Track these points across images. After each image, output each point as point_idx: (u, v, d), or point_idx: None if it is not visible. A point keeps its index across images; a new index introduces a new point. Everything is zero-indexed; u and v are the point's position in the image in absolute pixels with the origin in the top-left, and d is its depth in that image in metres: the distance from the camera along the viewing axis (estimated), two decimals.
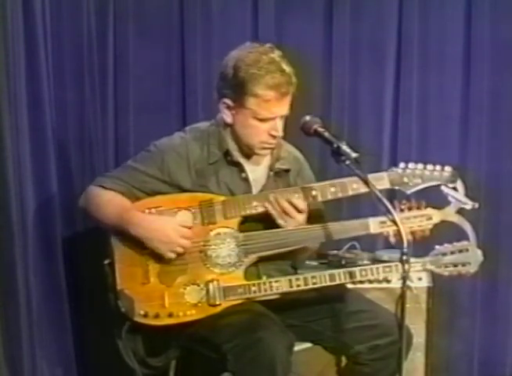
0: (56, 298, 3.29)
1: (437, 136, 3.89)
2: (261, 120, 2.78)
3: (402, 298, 2.50)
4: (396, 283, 3.38)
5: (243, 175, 2.89)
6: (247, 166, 2.90)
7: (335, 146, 2.68)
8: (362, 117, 3.91)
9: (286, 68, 2.79)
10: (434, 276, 3.44)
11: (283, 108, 2.80)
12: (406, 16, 3.83)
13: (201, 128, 2.94)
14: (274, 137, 2.82)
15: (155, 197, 2.83)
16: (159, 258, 2.77)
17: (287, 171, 2.96)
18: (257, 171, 2.92)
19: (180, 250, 2.76)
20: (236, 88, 2.77)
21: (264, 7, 3.81)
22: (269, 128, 2.80)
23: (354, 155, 2.64)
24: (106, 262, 2.82)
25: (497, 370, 3.93)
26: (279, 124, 2.81)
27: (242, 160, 2.90)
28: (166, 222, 2.77)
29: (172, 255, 2.76)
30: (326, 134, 2.75)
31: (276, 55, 2.80)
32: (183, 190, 2.84)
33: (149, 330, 2.78)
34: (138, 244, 2.78)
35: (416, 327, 3.34)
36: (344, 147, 2.66)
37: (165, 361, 2.89)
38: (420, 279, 3.48)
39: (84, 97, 3.54)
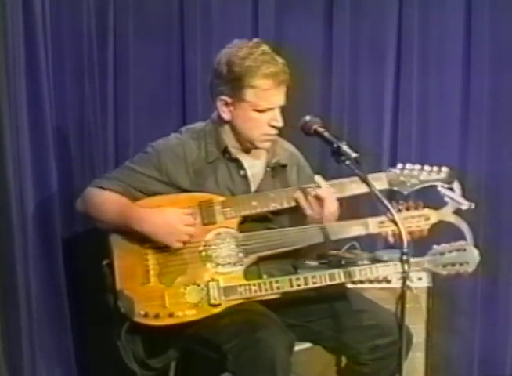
0: (56, 298, 3.28)
1: (437, 136, 3.89)
2: (261, 111, 2.80)
3: (402, 298, 2.51)
4: (396, 283, 3.39)
5: (242, 172, 2.90)
6: (246, 162, 2.91)
7: (335, 146, 2.68)
8: (362, 117, 3.91)
9: (279, 58, 2.82)
10: (434, 276, 3.44)
11: (281, 97, 2.82)
12: (406, 16, 3.83)
13: (197, 128, 2.95)
14: (275, 128, 2.83)
15: (154, 197, 2.84)
16: (159, 258, 2.78)
17: (284, 166, 2.96)
18: (255, 167, 2.92)
19: (186, 238, 2.77)
20: (233, 83, 2.78)
21: (264, 7, 3.81)
22: (269, 119, 2.81)
23: (354, 155, 2.65)
24: (105, 262, 2.82)
25: (497, 369, 3.93)
26: (279, 114, 2.82)
27: (240, 157, 2.90)
28: (168, 214, 2.77)
29: (179, 245, 2.77)
30: (326, 134, 2.76)
31: (266, 47, 2.83)
32: (182, 190, 2.85)
33: (148, 331, 2.78)
34: (137, 244, 2.79)
35: (416, 327, 3.33)
36: (344, 147, 2.67)
37: (165, 362, 2.89)
38: (420, 279, 3.48)
39: (84, 97, 3.54)
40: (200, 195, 2.82)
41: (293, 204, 2.81)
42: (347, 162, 2.65)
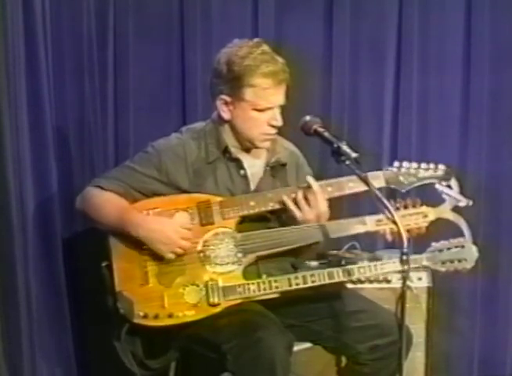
0: (56, 298, 3.28)
1: (437, 136, 3.90)
2: (260, 110, 2.80)
3: (402, 298, 2.51)
4: (396, 283, 3.39)
5: (242, 172, 2.90)
6: (246, 161, 2.91)
7: (335, 146, 2.68)
8: (362, 117, 3.91)
9: (279, 58, 2.82)
10: (434, 276, 3.45)
11: (280, 97, 2.82)
12: (406, 16, 3.84)
13: (197, 128, 2.95)
14: (274, 127, 2.83)
15: (153, 198, 2.84)
16: (157, 259, 2.78)
17: (284, 165, 2.97)
18: (255, 166, 2.93)
19: (180, 251, 2.76)
20: (233, 83, 2.79)
21: (264, 7, 3.81)
22: (269, 119, 2.82)
23: (354, 155, 2.65)
24: (104, 264, 2.82)
25: (497, 369, 3.93)
26: (278, 113, 2.82)
27: (240, 156, 2.90)
28: (166, 224, 2.78)
29: (172, 256, 2.76)
30: (326, 134, 2.76)
31: (266, 47, 2.84)
32: (181, 190, 2.85)
33: (148, 332, 2.78)
34: (136, 245, 2.78)
35: (416, 327, 3.34)
36: (344, 147, 2.67)
37: (164, 363, 2.88)
38: (420, 279, 3.48)
39: (84, 97, 3.54)
40: (197, 196, 2.82)
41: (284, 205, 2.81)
42: (347, 162, 2.65)
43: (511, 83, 3.83)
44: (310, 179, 2.82)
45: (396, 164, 2.85)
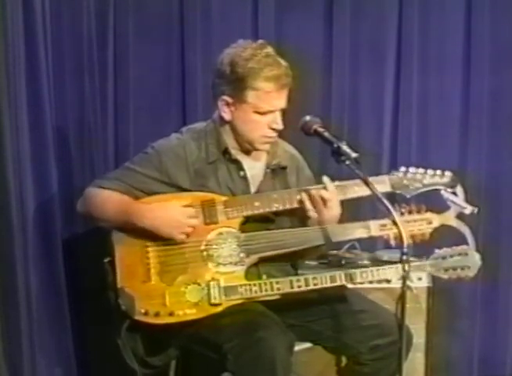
0: (56, 298, 3.28)
1: (437, 136, 3.90)
2: (262, 113, 2.80)
3: (402, 298, 2.51)
4: (396, 283, 3.37)
5: (242, 173, 2.90)
6: (246, 163, 2.91)
7: (335, 146, 2.69)
8: (362, 117, 3.92)
9: (282, 61, 2.82)
10: (434, 277, 3.44)
11: (282, 101, 2.82)
12: (406, 16, 3.84)
13: (198, 128, 2.95)
14: (275, 130, 2.83)
15: (156, 195, 2.83)
16: (160, 256, 2.78)
17: (284, 168, 2.96)
18: (255, 168, 2.92)
19: (190, 230, 2.77)
20: (235, 84, 2.78)
21: (264, 7, 3.81)
22: (270, 122, 2.81)
23: (354, 155, 2.65)
24: (106, 260, 2.82)
25: (497, 370, 3.93)
26: (279, 117, 2.82)
27: (240, 158, 2.90)
28: (169, 207, 2.78)
29: (183, 237, 2.77)
30: (326, 134, 2.76)
31: (270, 50, 2.83)
32: (182, 190, 2.85)
33: (148, 329, 2.78)
34: (139, 243, 2.79)
35: (416, 327, 3.33)
36: (344, 147, 2.67)
37: (165, 360, 2.89)
38: (420, 279, 3.48)
39: (84, 97, 3.54)
40: (202, 194, 2.82)
41: (296, 205, 2.81)
42: (347, 162, 2.65)
43: (511, 83, 3.83)
44: (326, 180, 2.80)
45: (402, 169, 2.85)
